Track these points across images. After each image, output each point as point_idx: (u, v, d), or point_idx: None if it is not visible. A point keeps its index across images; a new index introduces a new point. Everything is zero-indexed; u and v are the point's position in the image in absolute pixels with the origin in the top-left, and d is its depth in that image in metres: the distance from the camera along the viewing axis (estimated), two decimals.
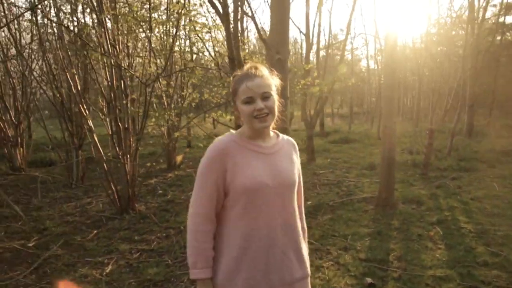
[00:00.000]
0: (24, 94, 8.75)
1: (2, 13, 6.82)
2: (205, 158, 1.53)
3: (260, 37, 4.13)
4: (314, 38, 11.34)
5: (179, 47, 9.86)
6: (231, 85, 1.57)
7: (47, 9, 4.86)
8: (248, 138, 1.57)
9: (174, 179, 8.14)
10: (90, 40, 5.37)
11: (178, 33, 5.10)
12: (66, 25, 4.08)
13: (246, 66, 1.57)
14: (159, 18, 5.72)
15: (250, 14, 3.67)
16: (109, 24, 5.43)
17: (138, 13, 5.37)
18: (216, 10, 5.26)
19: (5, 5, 6.07)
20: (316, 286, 3.29)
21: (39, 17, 5.45)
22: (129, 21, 5.48)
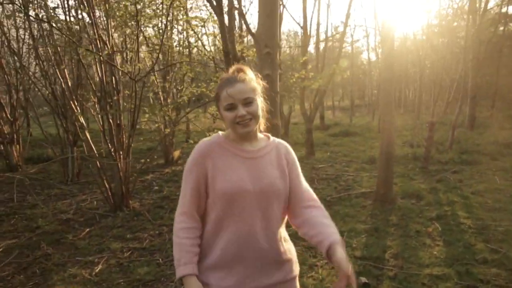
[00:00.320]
0: (19, 91, 8.66)
1: None
2: (189, 159, 1.53)
3: (248, 31, 4.01)
4: (313, 31, 11.17)
5: (178, 42, 9.76)
6: (215, 90, 1.53)
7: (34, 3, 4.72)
8: (233, 141, 1.54)
9: (171, 174, 8.05)
10: (81, 35, 5.25)
11: (169, 27, 4.97)
12: (46, 20, 3.95)
13: (231, 69, 1.53)
14: (148, 13, 5.59)
15: (237, 5, 3.53)
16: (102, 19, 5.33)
17: (129, 8, 5.24)
18: (209, 2, 5.15)
19: None
20: (309, 286, 3.20)
21: (31, 13, 5.36)
22: (121, 15, 5.37)
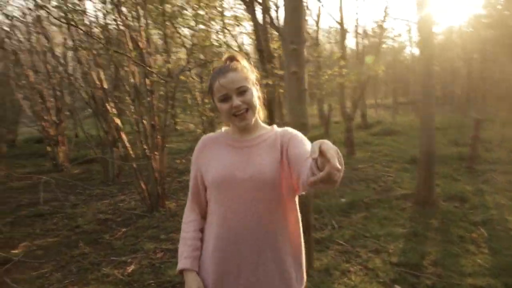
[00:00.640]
0: (63, 94, 9.03)
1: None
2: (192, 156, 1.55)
3: (272, 26, 3.91)
4: (351, 26, 10.86)
5: (217, 42, 9.76)
6: (208, 82, 1.47)
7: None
8: (232, 134, 1.50)
9: None
10: (113, 38, 5.38)
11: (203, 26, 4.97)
12: (74, 24, 4.05)
13: (223, 58, 1.48)
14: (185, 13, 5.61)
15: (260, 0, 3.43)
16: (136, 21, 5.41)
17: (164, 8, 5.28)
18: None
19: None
20: None
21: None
22: (155, 17, 5.42)
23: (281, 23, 5.52)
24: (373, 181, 6.83)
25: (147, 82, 5.05)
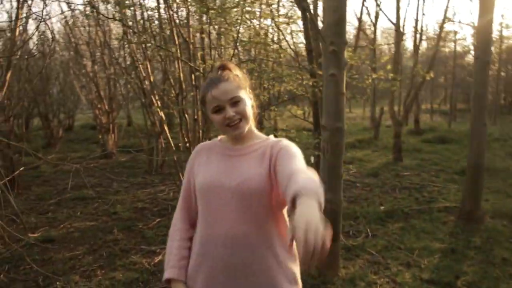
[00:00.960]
0: (116, 84, 9.43)
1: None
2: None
3: (312, 25, 3.79)
4: (407, 28, 10.41)
5: (272, 39, 9.72)
6: (200, 92, 1.46)
7: None
8: (226, 142, 1.49)
9: None
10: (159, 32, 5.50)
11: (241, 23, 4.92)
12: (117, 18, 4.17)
13: (215, 67, 1.49)
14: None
15: None
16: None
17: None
18: None
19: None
20: None
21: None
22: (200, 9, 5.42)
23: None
24: (417, 191, 6.50)
25: (193, 77, 5.12)
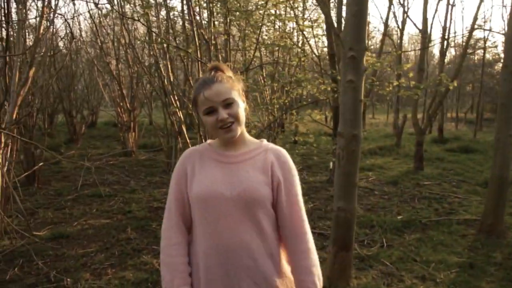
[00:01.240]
0: (139, 83, 9.53)
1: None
2: (174, 169, 1.44)
3: (331, 30, 3.71)
4: (434, 34, 10.16)
5: (293, 43, 9.67)
6: (192, 94, 1.41)
7: None
8: (218, 147, 1.43)
9: None
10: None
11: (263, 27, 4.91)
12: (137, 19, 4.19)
13: (207, 68, 1.41)
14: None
15: None
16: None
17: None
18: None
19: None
20: None
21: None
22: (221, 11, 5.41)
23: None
24: (437, 201, 6.31)
25: None
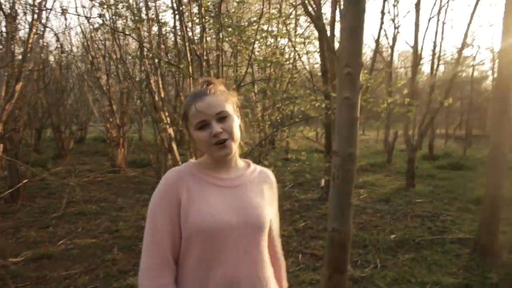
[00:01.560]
0: (129, 99, 9.43)
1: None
2: (155, 194, 1.23)
3: (327, 46, 3.68)
4: (425, 52, 10.25)
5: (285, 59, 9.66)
6: (181, 109, 1.30)
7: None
8: (207, 168, 1.27)
9: None
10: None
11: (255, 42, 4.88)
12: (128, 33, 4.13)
13: (199, 81, 1.30)
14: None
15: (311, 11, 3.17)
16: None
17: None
18: (309, 15, 4.87)
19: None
20: None
21: None
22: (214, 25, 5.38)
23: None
24: (430, 219, 6.25)
25: None
